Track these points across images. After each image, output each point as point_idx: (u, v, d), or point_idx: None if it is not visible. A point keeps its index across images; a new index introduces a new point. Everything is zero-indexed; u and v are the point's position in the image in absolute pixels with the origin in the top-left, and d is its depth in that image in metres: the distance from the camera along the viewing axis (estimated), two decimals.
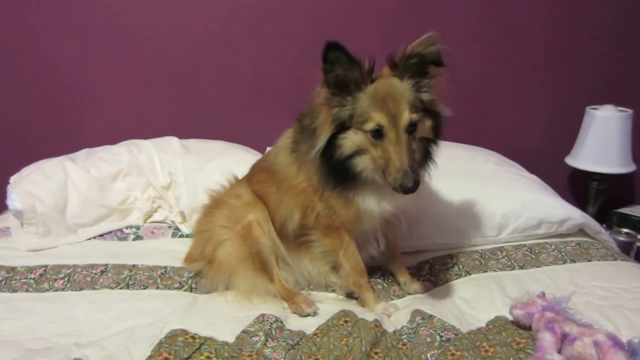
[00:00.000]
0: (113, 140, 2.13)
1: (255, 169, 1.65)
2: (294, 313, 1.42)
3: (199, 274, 1.56)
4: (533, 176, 2.03)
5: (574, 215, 1.82)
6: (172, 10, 2.15)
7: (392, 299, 1.54)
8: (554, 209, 1.82)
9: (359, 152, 1.26)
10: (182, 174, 1.93)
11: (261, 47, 2.22)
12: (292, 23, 2.20)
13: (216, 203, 1.59)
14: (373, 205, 1.34)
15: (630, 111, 2.21)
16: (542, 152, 2.43)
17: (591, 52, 2.36)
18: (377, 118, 1.20)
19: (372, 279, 1.57)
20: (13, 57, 2.14)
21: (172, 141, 2.09)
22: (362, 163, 1.27)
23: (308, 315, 1.40)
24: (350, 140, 1.24)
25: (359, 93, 1.22)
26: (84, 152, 2.06)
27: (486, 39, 2.30)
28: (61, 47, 2.15)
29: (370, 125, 1.21)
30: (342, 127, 1.24)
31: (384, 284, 1.61)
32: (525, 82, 2.39)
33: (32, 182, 1.81)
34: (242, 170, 1.73)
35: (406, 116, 1.20)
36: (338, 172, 1.29)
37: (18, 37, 2.12)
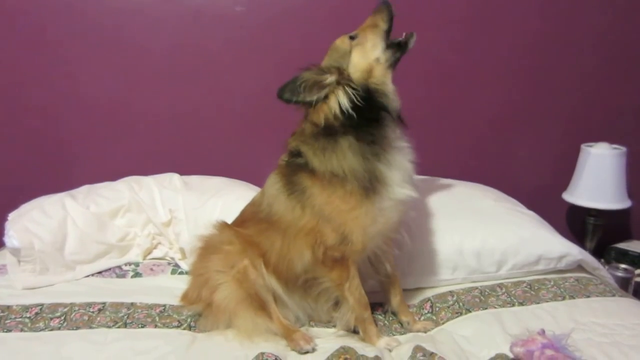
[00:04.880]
0: (114, 176, 2.14)
1: (250, 219, 1.60)
2: (293, 350, 1.41)
3: (198, 313, 1.54)
4: (531, 212, 2.05)
5: (572, 251, 1.82)
6: (172, 47, 2.21)
7: (394, 335, 1.53)
8: (552, 245, 1.82)
9: (368, 77, 1.40)
10: (183, 211, 1.94)
11: (261, 84, 2.25)
12: (292, 62, 2.25)
13: (210, 248, 1.59)
14: (400, 186, 1.41)
15: (624, 149, 2.25)
16: (540, 189, 2.45)
17: (585, 90, 2.42)
18: (340, 37, 1.45)
19: (373, 315, 1.55)
20: (13, 92, 2.18)
21: (173, 177, 2.11)
22: (375, 78, 1.41)
23: (306, 352, 1.38)
24: (354, 73, 1.40)
25: (323, 66, 1.43)
26: (85, 188, 2.07)
27: (483, 79, 2.36)
28: (63, 83, 2.19)
29: (344, 43, 1.44)
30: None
31: (385, 321, 1.60)
32: (522, 120, 2.43)
33: (31, 219, 1.81)
34: (242, 207, 1.73)
35: None
36: (369, 121, 1.39)
37: (18, 72, 2.16)
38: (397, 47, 1.43)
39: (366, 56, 1.41)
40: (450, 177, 2.21)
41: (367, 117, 1.38)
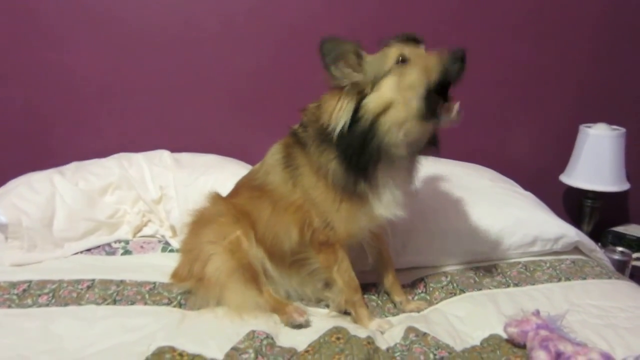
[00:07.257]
0: (103, 153, 2.10)
1: (243, 186, 1.60)
2: (286, 325, 1.39)
3: (188, 291, 1.52)
4: (528, 193, 2.03)
5: (569, 232, 1.80)
6: (163, 25, 2.15)
7: (387, 316, 1.51)
8: (548, 226, 1.81)
9: (382, 112, 1.24)
10: (174, 188, 1.91)
11: (253, 61, 2.22)
12: (283, 39, 2.20)
13: (201, 221, 1.57)
14: (385, 207, 1.34)
15: (623, 130, 2.22)
16: (537, 170, 2.43)
17: (584, 70, 2.38)
18: (396, 49, 1.25)
19: (366, 296, 1.54)
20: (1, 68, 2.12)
21: (164, 154, 2.07)
22: (389, 119, 1.24)
23: (300, 324, 1.37)
24: (372, 100, 1.24)
25: (364, 60, 1.26)
26: (73, 165, 2.03)
27: (481, 56, 2.30)
28: (51, 59, 2.13)
29: (392, 58, 1.23)
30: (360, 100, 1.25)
31: (378, 302, 1.58)
32: (519, 99, 2.39)
33: (18, 196, 1.77)
34: (233, 184, 1.70)
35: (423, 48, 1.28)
36: (360, 154, 1.27)
37: (5, 48, 2.10)
38: (431, 112, 1.24)
39: (393, 91, 1.23)
40: (447, 157, 2.18)
41: (359, 148, 1.26)
